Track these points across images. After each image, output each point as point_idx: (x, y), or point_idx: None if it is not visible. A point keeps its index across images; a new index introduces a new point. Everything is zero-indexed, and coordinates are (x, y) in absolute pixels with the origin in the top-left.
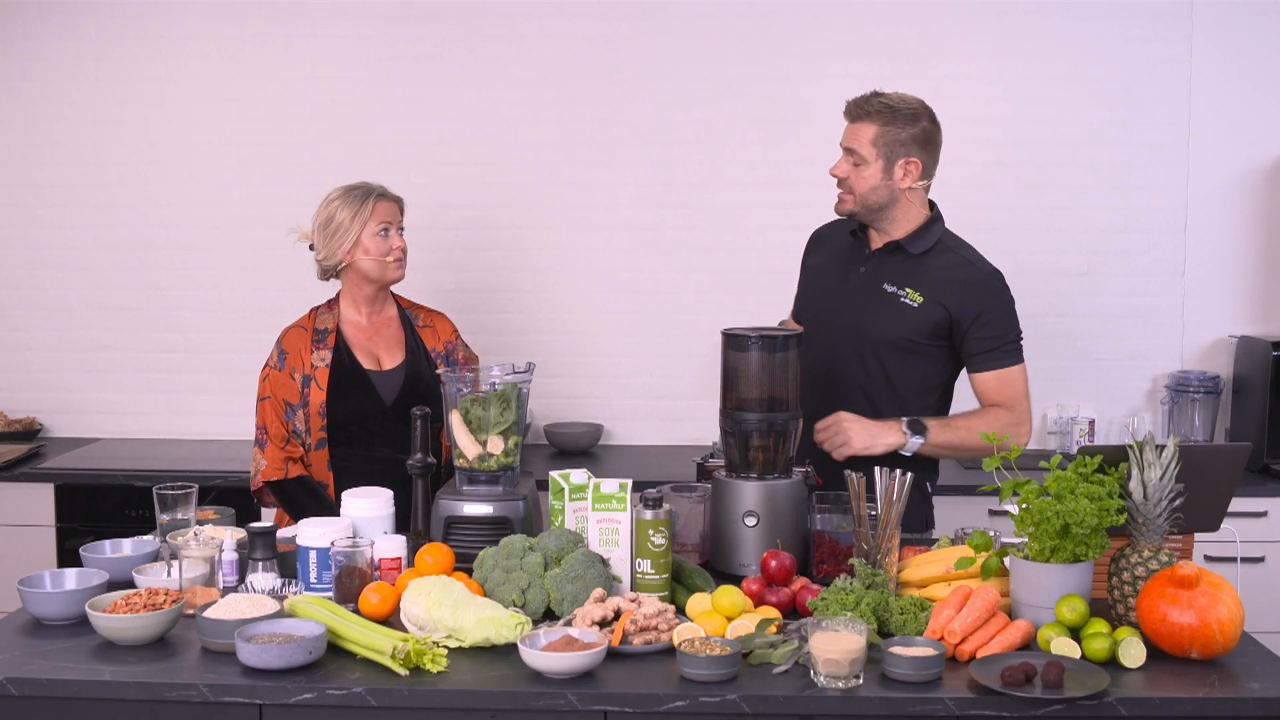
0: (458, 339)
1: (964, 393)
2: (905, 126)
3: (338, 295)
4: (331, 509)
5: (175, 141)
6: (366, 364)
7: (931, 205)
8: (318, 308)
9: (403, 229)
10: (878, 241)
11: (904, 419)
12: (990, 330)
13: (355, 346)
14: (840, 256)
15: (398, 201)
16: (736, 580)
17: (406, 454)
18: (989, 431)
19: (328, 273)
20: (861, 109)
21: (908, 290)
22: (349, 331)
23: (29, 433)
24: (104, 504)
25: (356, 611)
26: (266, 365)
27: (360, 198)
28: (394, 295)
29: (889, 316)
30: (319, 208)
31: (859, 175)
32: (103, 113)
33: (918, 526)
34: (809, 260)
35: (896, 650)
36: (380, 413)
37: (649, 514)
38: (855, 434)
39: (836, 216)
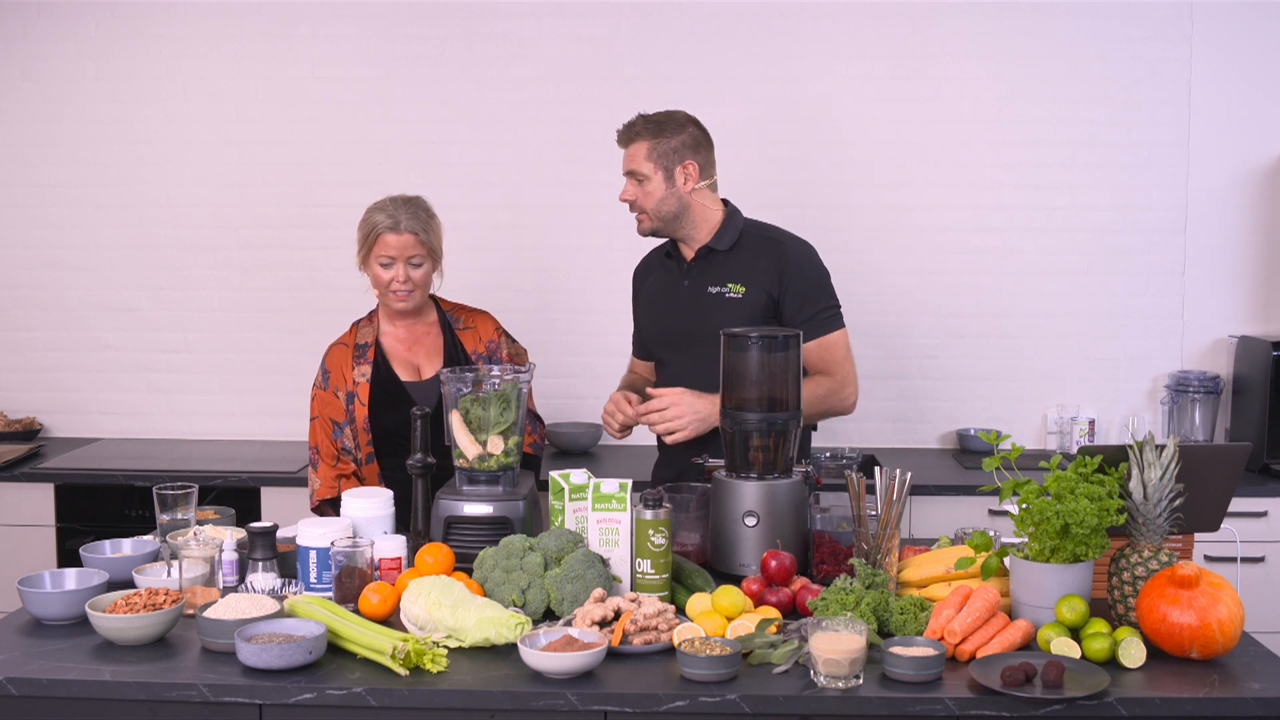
0: (500, 337)
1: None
2: (674, 135)
3: (377, 306)
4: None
5: (175, 141)
6: (406, 375)
7: (726, 203)
8: (359, 321)
9: (417, 262)
10: (689, 252)
11: None
12: (804, 300)
13: (394, 358)
14: (664, 280)
15: (415, 234)
16: (736, 580)
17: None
18: (809, 399)
19: None
20: (630, 132)
21: (730, 285)
22: (388, 344)
23: (29, 433)
24: (104, 504)
25: (356, 611)
26: (314, 385)
27: (369, 226)
28: (436, 299)
29: (721, 316)
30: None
31: (645, 192)
32: (103, 113)
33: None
34: (638, 295)
35: (896, 650)
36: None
37: (649, 514)
38: (688, 423)
39: (654, 240)
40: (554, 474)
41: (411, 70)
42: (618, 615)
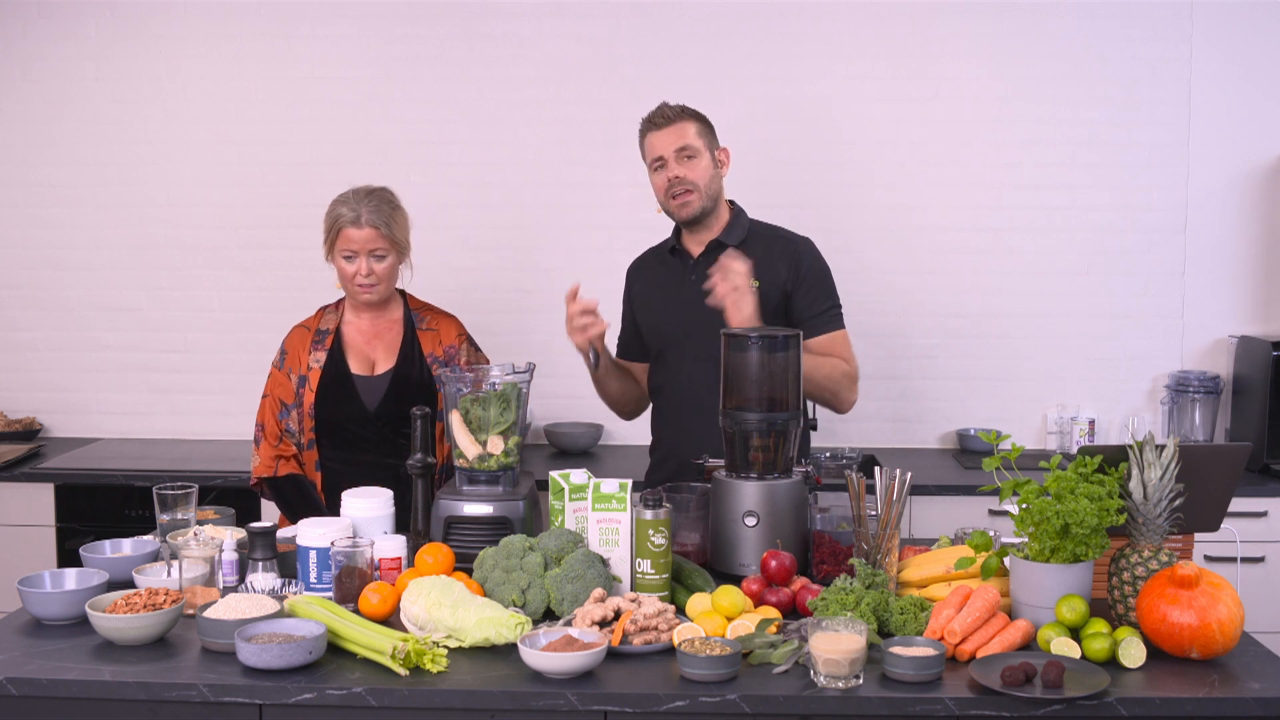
0: (463, 343)
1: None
2: (707, 122)
3: (344, 296)
4: (319, 509)
5: (175, 141)
6: (359, 368)
7: (731, 203)
8: (326, 307)
9: (381, 255)
10: (698, 247)
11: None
12: (815, 296)
13: (351, 349)
14: (665, 277)
15: (376, 228)
16: (736, 580)
17: (392, 458)
18: (829, 373)
19: None
20: (675, 113)
21: None
22: (348, 333)
23: (29, 433)
24: (104, 504)
25: (356, 611)
26: (272, 363)
27: (332, 219)
28: (405, 296)
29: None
30: None
31: (696, 168)
32: (103, 113)
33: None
34: (634, 294)
35: (896, 650)
36: (363, 418)
37: (649, 514)
38: (748, 314)
39: (651, 240)
40: (554, 474)
41: (411, 70)
42: (618, 615)
